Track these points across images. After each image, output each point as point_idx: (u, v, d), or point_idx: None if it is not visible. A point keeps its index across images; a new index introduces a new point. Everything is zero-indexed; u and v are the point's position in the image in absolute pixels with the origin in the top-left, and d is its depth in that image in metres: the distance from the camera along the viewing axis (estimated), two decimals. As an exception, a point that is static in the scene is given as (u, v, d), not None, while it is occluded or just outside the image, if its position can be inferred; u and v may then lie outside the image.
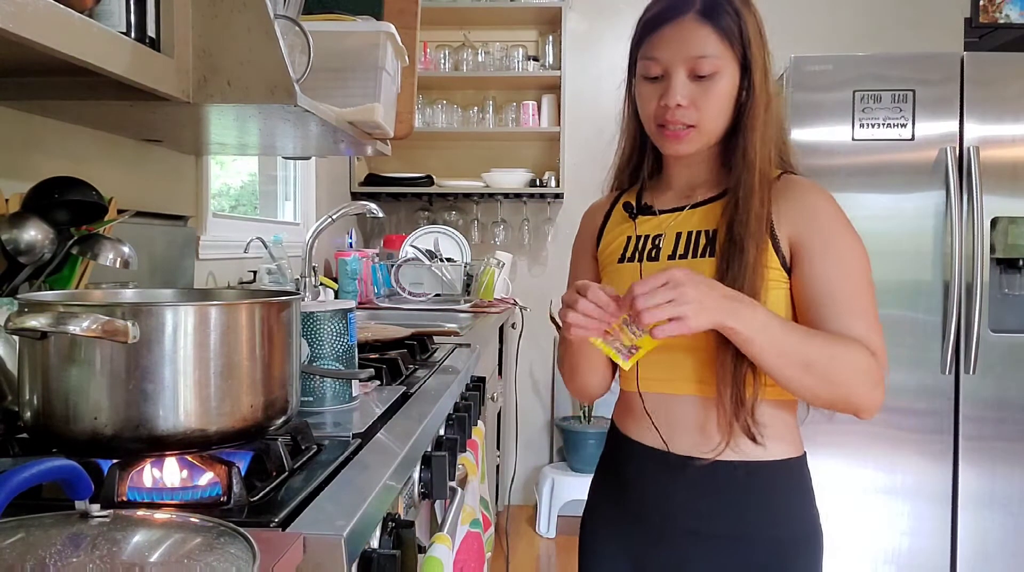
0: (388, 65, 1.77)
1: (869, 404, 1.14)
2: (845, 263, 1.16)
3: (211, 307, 0.90)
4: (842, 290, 1.15)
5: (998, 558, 2.71)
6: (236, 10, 1.18)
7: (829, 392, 1.11)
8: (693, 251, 1.21)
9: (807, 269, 1.16)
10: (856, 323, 1.13)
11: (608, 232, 1.33)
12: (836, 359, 1.10)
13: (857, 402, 1.13)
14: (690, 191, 1.26)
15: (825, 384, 1.10)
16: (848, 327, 1.13)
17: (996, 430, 2.70)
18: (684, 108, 1.16)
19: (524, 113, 3.89)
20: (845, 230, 1.18)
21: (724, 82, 1.15)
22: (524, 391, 4.07)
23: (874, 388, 1.12)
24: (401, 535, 0.97)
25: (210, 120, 1.42)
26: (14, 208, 1.28)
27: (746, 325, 1.06)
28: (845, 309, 1.14)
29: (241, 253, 2.41)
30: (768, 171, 1.19)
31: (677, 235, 1.23)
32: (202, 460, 0.89)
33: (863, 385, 1.11)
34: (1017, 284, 2.76)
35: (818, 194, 1.20)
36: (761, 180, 1.17)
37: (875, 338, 1.13)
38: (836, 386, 1.11)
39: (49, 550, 0.62)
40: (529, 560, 3.51)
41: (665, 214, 1.26)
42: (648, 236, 1.26)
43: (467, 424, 1.59)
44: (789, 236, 1.17)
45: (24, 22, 0.79)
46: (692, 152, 1.21)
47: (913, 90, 2.70)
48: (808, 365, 1.09)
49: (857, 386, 1.11)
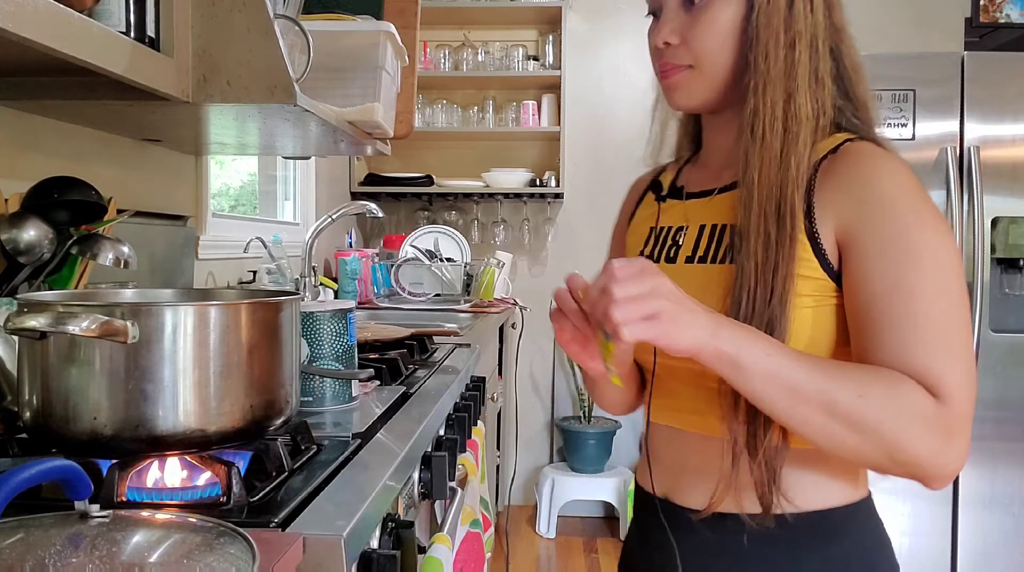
0: (388, 65, 1.76)
1: (932, 463, 0.80)
2: (911, 265, 0.82)
3: (211, 307, 0.90)
4: (901, 304, 0.82)
5: (998, 558, 2.71)
6: (236, 10, 1.18)
7: (862, 444, 0.80)
8: (714, 254, 0.94)
9: (855, 275, 0.85)
10: (916, 352, 0.81)
11: (638, 215, 1.10)
12: (866, 398, 0.79)
13: (911, 459, 0.80)
14: (722, 168, 0.98)
15: (855, 433, 0.80)
16: (904, 357, 0.82)
17: (996, 430, 2.70)
18: (674, 47, 0.92)
19: (524, 113, 3.89)
20: (918, 219, 0.84)
21: (722, 5, 0.89)
22: (524, 391, 4.07)
23: (939, 441, 0.80)
24: (401, 535, 0.97)
25: (210, 120, 1.42)
26: (14, 208, 1.28)
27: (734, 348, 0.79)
28: (902, 331, 0.82)
29: (241, 253, 2.41)
30: (802, 139, 0.87)
31: (700, 229, 0.97)
32: (202, 460, 0.89)
33: (915, 436, 0.79)
34: (1017, 284, 2.76)
35: (881, 166, 0.86)
36: (784, 156, 0.87)
37: (949, 374, 0.81)
38: (869, 436, 0.80)
39: (48, 550, 0.62)
40: (529, 560, 3.51)
41: (693, 199, 1.00)
42: (670, 229, 1.01)
43: (467, 424, 1.59)
44: (836, 230, 0.86)
45: (24, 22, 0.79)
46: (697, 103, 0.95)
47: (913, 90, 2.70)
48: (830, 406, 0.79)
49: (905, 437, 0.79)
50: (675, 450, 0.98)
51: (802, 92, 0.87)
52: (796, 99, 0.87)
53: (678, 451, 0.98)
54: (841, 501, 0.92)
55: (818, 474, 0.91)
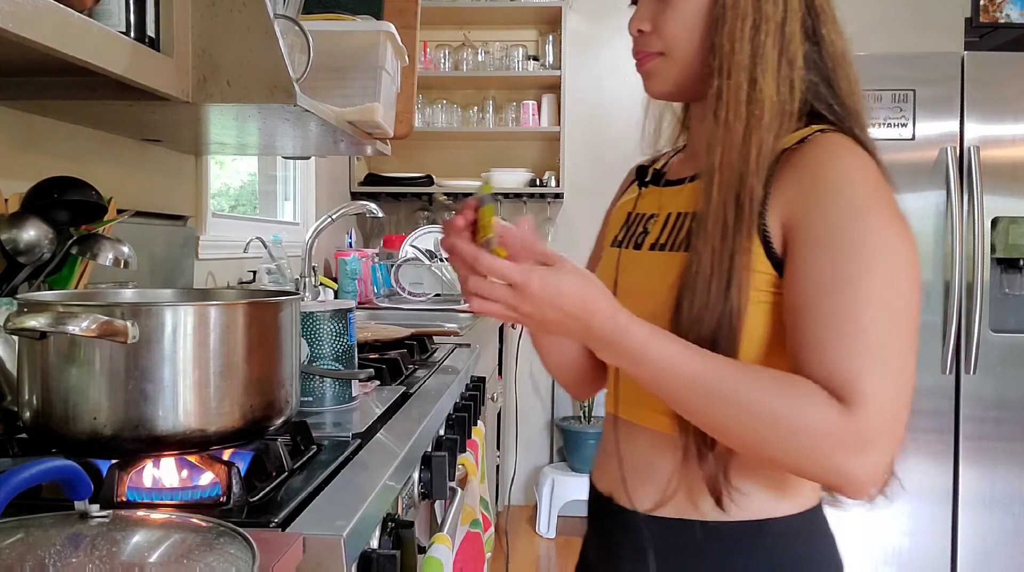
0: (388, 65, 1.76)
1: (837, 477, 0.75)
2: (846, 259, 0.77)
3: (210, 307, 0.90)
4: (826, 299, 0.77)
5: (998, 558, 2.71)
6: (236, 10, 1.18)
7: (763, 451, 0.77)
8: (674, 241, 0.91)
9: (791, 268, 0.81)
10: (831, 351, 0.75)
11: (622, 199, 1.08)
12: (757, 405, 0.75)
13: (813, 473, 0.76)
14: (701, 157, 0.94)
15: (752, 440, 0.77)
16: (818, 356, 0.76)
17: (996, 430, 2.70)
18: (647, 35, 0.92)
19: (524, 113, 3.89)
20: (863, 211, 0.79)
21: None
22: (524, 391, 4.06)
23: (842, 453, 0.74)
24: (401, 535, 0.97)
25: (210, 120, 1.42)
26: (14, 208, 1.28)
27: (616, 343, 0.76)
28: (822, 328, 0.76)
29: (241, 253, 2.41)
30: (765, 123, 0.84)
31: (668, 216, 0.95)
32: (202, 460, 0.89)
33: (813, 449, 0.74)
34: (1017, 284, 2.76)
35: (837, 155, 0.82)
36: (746, 140, 0.83)
37: (865, 380, 0.74)
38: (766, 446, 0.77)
39: (48, 550, 0.62)
40: (529, 560, 3.51)
41: (669, 187, 0.99)
42: (644, 215, 0.99)
43: (467, 424, 1.59)
44: (782, 219, 0.82)
45: (24, 22, 0.79)
46: (671, 89, 0.94)
47: (913, 90, 2.69)
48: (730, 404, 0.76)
49: (802, 450, 0.74)
50: (631, 447, 0.95)
51: (768, 75, 0.84)
52: (760, 82, 0.84)
53: (633, 448, 0.95)
54: (788, 510, 0.88)
55: (765, 481, 0.88)
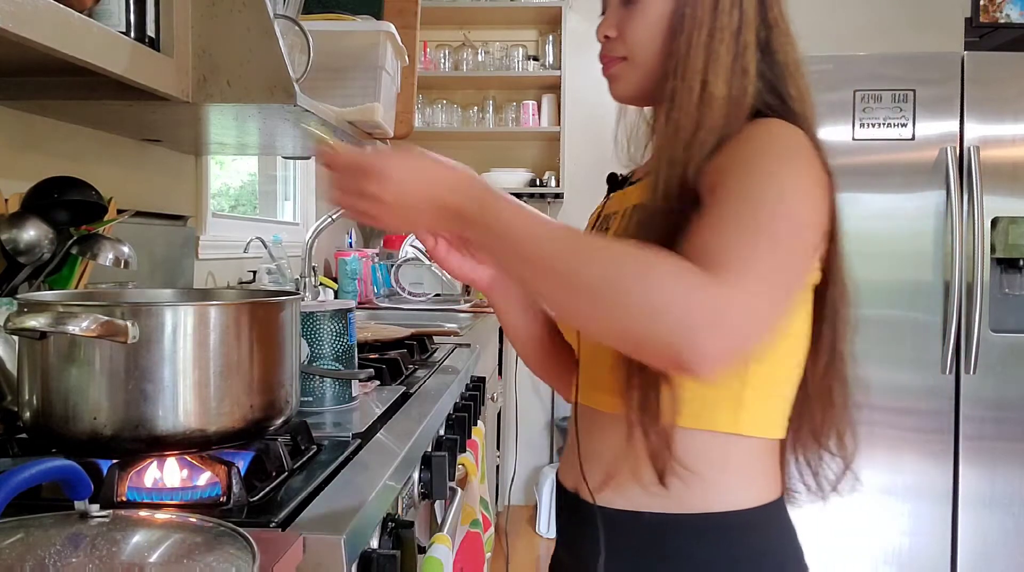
0: (388, 65, 1.76)
1: (691, 346, 0.67)
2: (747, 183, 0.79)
3: (211, 307, 0.90)
4: (718, 209, 0.77)
5: (998, 558, 2.71)
6: (236, 10, 1.18)
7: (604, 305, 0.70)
8: (623, 232, 0.94)
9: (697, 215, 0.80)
10: (707, 235, 0.75)
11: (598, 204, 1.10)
12: (610, 251, 0.72)
13: (669, 338, 0.67)
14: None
15: (606, 291, 0.70)
16: (692, 243, 0.76)
17: (996, 430, 2.70)
18: (612, 40, 0.95)
19: (524, 113, 3.89)
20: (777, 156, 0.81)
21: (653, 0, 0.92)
22: (524, 391, 4.06)
23: (701, 323, 0.67)
24: (401, 535, 0.97)
25: (210, 120, 1.42)
26: (14, 208, 1.28)
27: (478, 213, 0.76)
28: (702, 228, 0.77)
29: (241, 253, 2.40)
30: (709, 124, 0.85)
31: (624, 211, 0.97)
32: (202, 460, 0.89)
33: (669, 312, 0.67)
34: (1017, 284, 2.76)
35: (764, 125, 0.85)
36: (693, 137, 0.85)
37: (735, 258, 0.72)
38: (612, 291, 0.69)
39: (49, 550, 0.62)
40: (529, 560, 3.51)
41: (630, 186, 1.01)
42: (608, 216, 1.01)
43: (467, 424, 1.59)
44: (709, 188, 0.82)
45: (24, 22, 0.79)
46: (633, 93, 0.97)
47: (913, 90, 2.69)
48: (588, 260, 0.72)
49: (655, 312, 0.67)
50: (587, 435, 0.95)
51: (720, 79, 0.86)
52: (711, 85, 0.86)
53: (589, 435, 0.95)
54: (745, 504, 0.88)
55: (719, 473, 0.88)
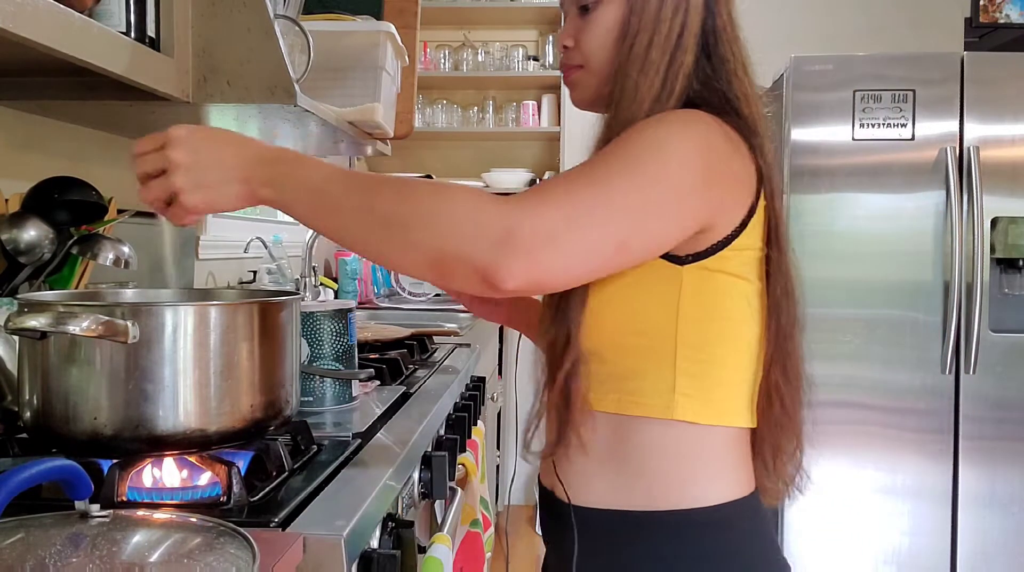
0: (388, 65, 1.76)
1: (479, 262, 0.74)
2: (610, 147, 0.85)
3: (211, 307, 0.90)
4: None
5: (998, 558, 2.71)
6: (236, 10, 1.18)
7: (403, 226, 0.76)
8: None
9: None
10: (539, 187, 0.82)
11: None
12: (408, 189, 0.78)
13: (458, 253, 0.75)
14: None
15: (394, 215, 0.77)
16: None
17: (996, 430, 2.70)
18: (570, 49, 1.01)
19: (524, 113, 3.89)
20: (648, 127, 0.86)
21: (605, 10, 0.96)
22: (524, 391, 4.06)
23: (490, 242, 0.74)
24: (401, 535, 0.97)
25: (210, 120, 1.42)
26: (14, 208, 1.28)
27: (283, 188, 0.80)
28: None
29: (241, 253, 2.41)
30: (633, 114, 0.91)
31: None
32: (202, 460, 0.89)
33: (464, 228, 0.75)
34: (1017, 284, 2.76)
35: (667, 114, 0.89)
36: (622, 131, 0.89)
37: (541, 192, 0.79)
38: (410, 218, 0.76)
39: (49, 550, 0.62)
40: (529, 560, 3.51)
41: None
42: None
43: (467, 424, 1.59)
44: None
45: (24, 22, 0.79)
46: (591, 99, 1.01)
47: (913, 90, 2.69)
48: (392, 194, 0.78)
49: (451, 227, 0.75)
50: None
51: (647, 80, 0.90)
52: (642, 88, 0.90)
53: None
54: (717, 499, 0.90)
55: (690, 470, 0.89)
